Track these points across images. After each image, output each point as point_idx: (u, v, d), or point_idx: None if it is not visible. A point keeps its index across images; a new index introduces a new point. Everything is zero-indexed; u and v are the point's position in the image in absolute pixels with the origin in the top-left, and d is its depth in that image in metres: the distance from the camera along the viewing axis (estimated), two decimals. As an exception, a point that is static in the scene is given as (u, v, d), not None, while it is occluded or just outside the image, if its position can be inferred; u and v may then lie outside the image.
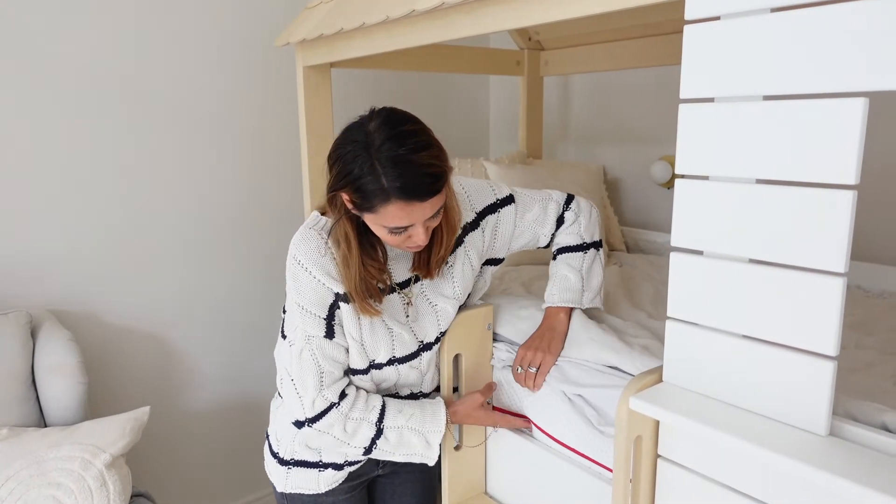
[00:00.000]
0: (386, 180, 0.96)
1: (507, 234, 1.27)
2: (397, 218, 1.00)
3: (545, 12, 1.04)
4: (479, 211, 1.23)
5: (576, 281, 1.25)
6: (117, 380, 1.99)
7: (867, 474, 0.68)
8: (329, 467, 1.25)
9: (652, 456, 0.93)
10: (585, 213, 1.29)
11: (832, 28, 0.68)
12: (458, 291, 1.22)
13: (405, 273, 1.18)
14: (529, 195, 1.29)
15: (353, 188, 1.00)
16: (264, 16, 2.11)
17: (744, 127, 0.77)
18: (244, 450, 2.28)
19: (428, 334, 1.21)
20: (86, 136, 1.86)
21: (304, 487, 1.26)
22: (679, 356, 0.89)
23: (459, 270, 1.21)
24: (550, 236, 1.29)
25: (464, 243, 1.21)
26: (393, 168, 0.96)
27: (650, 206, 2.33)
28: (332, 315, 1.11)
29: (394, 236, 1.05)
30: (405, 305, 1.18)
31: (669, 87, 2.19)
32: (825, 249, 0.72)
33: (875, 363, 1.21)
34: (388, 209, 0.99)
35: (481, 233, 1.23)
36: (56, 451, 1.44)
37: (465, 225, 1.21)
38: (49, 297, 1.85)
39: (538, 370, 1.20)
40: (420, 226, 1.03)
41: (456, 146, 2.75)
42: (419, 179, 0.97)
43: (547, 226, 1.28)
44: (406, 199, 0.97)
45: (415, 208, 0.99)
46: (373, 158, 0.97)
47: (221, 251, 2.14)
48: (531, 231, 1.28)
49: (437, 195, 1.01)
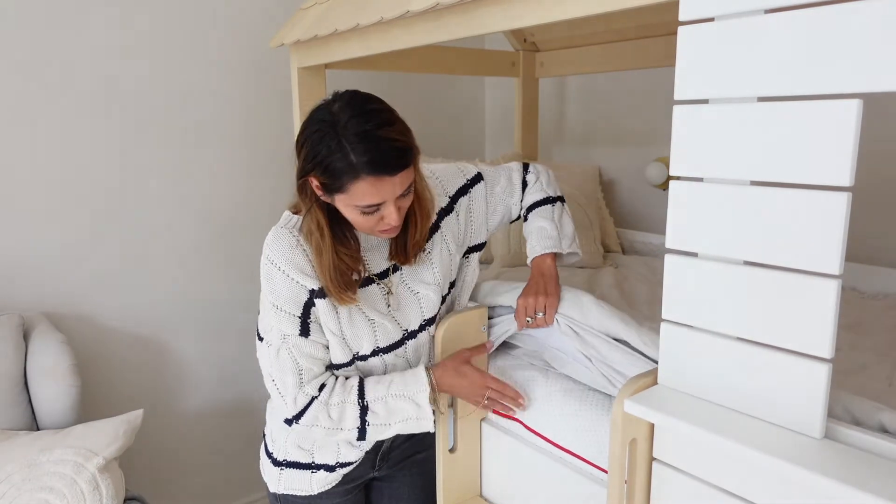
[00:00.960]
0: (354, 156, 0.97)
1: (482, 212, 1.28)
2: (368, 195, 1.00)
3: (540, 13, 1.03)
4: (452, 195, 1.24)
5: (552, 229, 1.27)
6: (110, 383, 1.98)
7: (862, 477, 0.68)
8: (321, 469, 1.24)
9: (647, 458, 0.93)
10: (544, 173, 1.34)
11: (827, 29, 0.68)
12: (439, 277, 1.21)
13: (383, 263, 1.18)
14: (494, 171, 1.32)
15: (321, 169, 1.00)
16: (259, 17, 2.10)
17: (738, 128, 0.77)
18: (238, 453, 2.27)
19: (411, 322, 1.20)
20: (79, 139, 1.85)
21: (296, 489, 1.26)
22: (674, 358, 0.89)
23: (438, 256, 1.21)
24: (520, 204, 1.32)
25: (440, 229, 1.22)
26: (360, 143, 0.97)
27: (645, 207, 2.33)
28: (307, 313, 1.10)
29: (366, 218, 1.04)
30: (385, 295, 1.17)
31: (664, 89, 2.19)
32: (820, 251, 0.71)
33: (870, 365, 1.22)
34: (358, 186, 0.99)
35: (456, 216, 1.24)
36: (48, 454, 1.43)
37: (441, 210, 1.22)
38: (42, 299, 1.84)
39: (545, 313, 1.18)
40: (391, 204, 1.03)
41: (451, 148, 2.75)
42: (387, 153, 0.98)
43: (515, 195, 1.31)
44: (375, 173, 0.98)
45: (384, 183, 0.99)
46: (339, 136, 0.97)
47: (215, 253, 2.14)
48: (503, 204, 1.31)
49: (405, 169, 1.01)
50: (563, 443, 1.17)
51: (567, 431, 1.15)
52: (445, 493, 1.32)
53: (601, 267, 2.01)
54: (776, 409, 0.78)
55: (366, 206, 1.02)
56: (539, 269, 1.24)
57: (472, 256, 1.31)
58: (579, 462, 1.14)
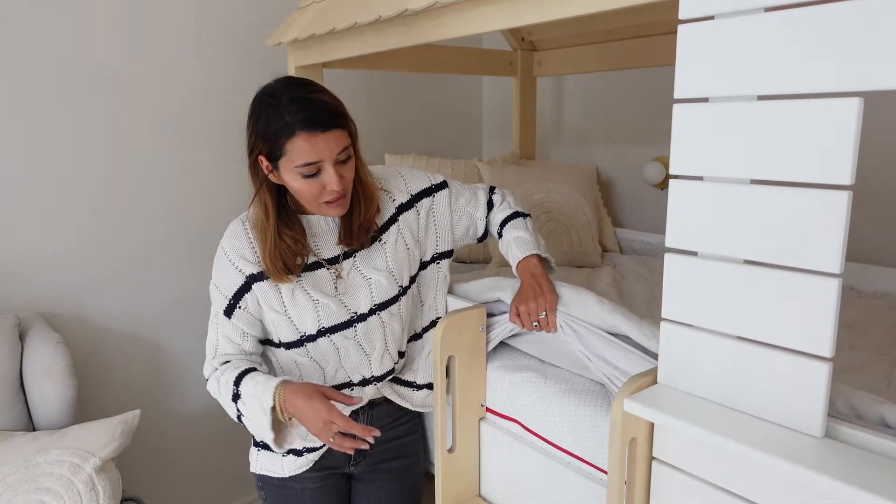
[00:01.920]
0: (288, 116, 1.06)
1: (446, 219, 1.35)
2: (305, 152, 1.07)
3: (538, 12, 1.03)
4: (413, 193, 1.31)
5: (528, 236, 1.32)
6: (107, 383, 1.97)
7: (862, 476, 0.68)
8: (290, 453, 1.28)
9: (647, 458, 0.92)
10: (510, 195, 1.42)
11: (827, 27, 0.68)
12: (391, 266, 1.27)
13: (334, 249, 1.24)
14: (460, 185, 1.41)
15: (263, 137, 1.09)
16: (256, 15, 2.09)
17: (738, 127, 0.76)
18: (235, 453, 2.26)
19: (360, 306, 1.24)
20: (73, 138, 1.84)
21: (270, 470, 1.31)
22: (674, 358, 0.89)
23: (392, 246, 1.27)
24: (485, 221, 1.39)
25: (398, 222, 1.29)
26: (293, 104, 1.07)
27: (644, 207, 2.33)
28: (238, 297, 1.20)
29: (309, 184, 1.10)
30: (334, 279, 1.24)
31: (663, 88, 2.19)
32: (820, 250, 0.71)
33: (869, 363, 1.22)
34: (295, 144, 1.07)
35: (416, 214, 1.31)
36: (45, 455, 1.42)
37: (401, 205, 1.30)
38: (38, 299, 1.83)
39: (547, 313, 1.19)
40: (330, 167, 1.09)
41: (449, 147, 2.74)
42: (318, 111, 1.07)
43: (480, 209, 1.38)
44: (309, 129, 1.06)
45: (318, 139, 1.07)
46: (277, 104, 1.08)
47: (212, 254, 2.12)
48: (468, 215, 1.37)
49: (337, 129, 1.09)
50: (561, 444, 1.17)
51: (565, 433, 1.15)
52: (444, 492, 1.32)
53: (599, 266, 2.01)
54: (777, 409, 0.78)
55: (304, 166, 1.08)
56: (528, 271, 1.26)
57: (443, 263, 1.37)
58: (578, 462, 1.14)
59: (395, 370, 1.33)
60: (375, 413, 1.34)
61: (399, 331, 1.31)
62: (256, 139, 1.11)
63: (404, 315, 1.31)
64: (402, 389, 1.36)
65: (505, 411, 1.29)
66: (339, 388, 1.28)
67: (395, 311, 1.29)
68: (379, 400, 1.35)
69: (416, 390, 1.37)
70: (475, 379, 1.31)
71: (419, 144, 2.56)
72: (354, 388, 1.29)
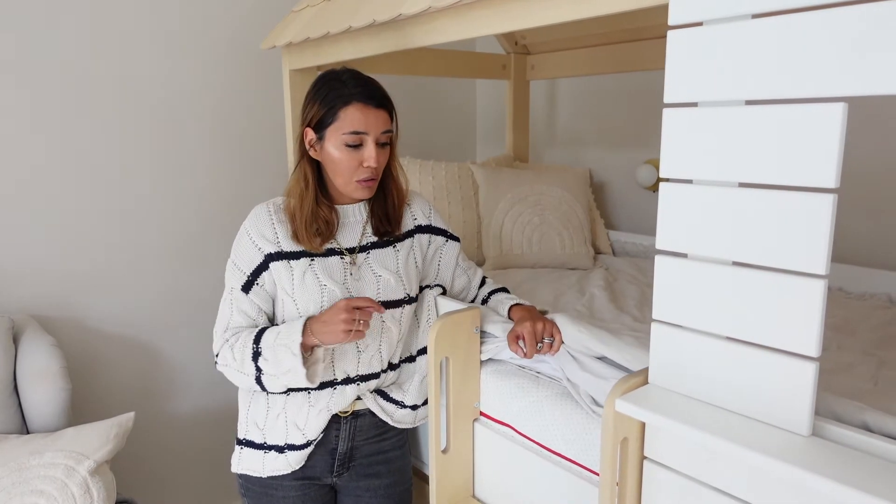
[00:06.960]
0: (347, 89, 1.18)
1: (450, 266, 1.42)
2: (356, 120, 1.17)
3: (531, 16, 1.04)
4: (433, 225, 1.40)
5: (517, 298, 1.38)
6: (101, 385, 1.97)
7: (849, 474, 0.69)
8: (272, 449, 1.29)
9: (638, 458, 0.94)
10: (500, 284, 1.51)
11: (812, 34, 0.69)
12: (401, 270, 1.31)
13: (353, 242, 1.29)
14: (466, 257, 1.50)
15: (321, 103, 1.19)
16: (251, 18, 2.10)
17: (727, 131, 0.78)
18: (229, 455, 2.26)
19: None
20: (68, 141, 1.84)
21: (251, 469, 1.31)
22: (664, 358, 0.90)
23: (404, 255, 1.33)
24: (477, 291, 1.46)
25: (413, 238, 1.36)
26: (354, 80, 1.20)
27: (636, 209, 2.35)
28: (256, 274, 1.25)
29: (350, 155, 1.19)
30: (347, 266, 1.27)
31: (654, 92, 2.21)
32: (806, 252, 0.73)
33: (856, 364, 1.23)
34: (348, 112, 1.17)
35: (428, 242, 1.39)
36: (39, 458, 1.42)
37: (420, 226, 1.37)
38: (32, 302, 1.83)
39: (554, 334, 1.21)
40: (372, 143, 1.19)
41: (443, 150, 2.75)
42: (376, 90, 1.20)
43: (476, 279, 1.47)
44: (364, 100, 1.17)
45: (370, 113, 1.18)
46: (339, 79, 1.20)
47: (205, 255, 2.13)
48: (466, 276, 1.45)
49: (387, 111, 1.21)
50: (554, 447, 1.17)
51: (558, 437, 1.16)
52: (438, 493, 1.32)
53: (592, 268, 2.02)
54: (765, 408, 0.79)
55: (351, 134, 1.17)
56: (523, 308, 1.31)
57: (437, 289, 1.41)
58: (571, 465, 1.15)
59: (381, 381, 1.34)
60: (359, 424, 1.33)
61: (395, 338, 1.31)
62: (312, 105, 1.20)
63: (403, 325, 1.33)
64: (388, 405, 1.35)
65: (498, 416, 1.30)
66: (322, 386, 1.28)
67: (396, 314, 1.30)
68: (363, 411, 1.34)
69: (401, 408, 1.37)
70: (469, 380, 1.32)
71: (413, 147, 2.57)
72: (337, 387, 1.29)
